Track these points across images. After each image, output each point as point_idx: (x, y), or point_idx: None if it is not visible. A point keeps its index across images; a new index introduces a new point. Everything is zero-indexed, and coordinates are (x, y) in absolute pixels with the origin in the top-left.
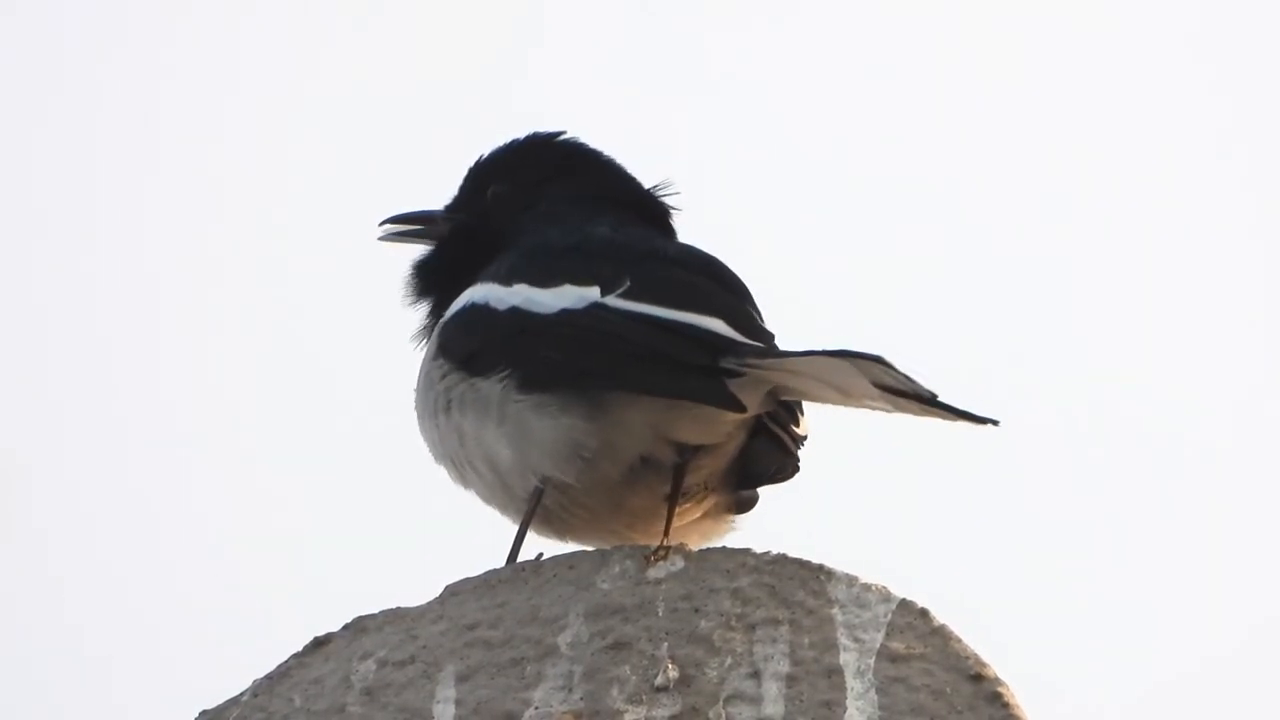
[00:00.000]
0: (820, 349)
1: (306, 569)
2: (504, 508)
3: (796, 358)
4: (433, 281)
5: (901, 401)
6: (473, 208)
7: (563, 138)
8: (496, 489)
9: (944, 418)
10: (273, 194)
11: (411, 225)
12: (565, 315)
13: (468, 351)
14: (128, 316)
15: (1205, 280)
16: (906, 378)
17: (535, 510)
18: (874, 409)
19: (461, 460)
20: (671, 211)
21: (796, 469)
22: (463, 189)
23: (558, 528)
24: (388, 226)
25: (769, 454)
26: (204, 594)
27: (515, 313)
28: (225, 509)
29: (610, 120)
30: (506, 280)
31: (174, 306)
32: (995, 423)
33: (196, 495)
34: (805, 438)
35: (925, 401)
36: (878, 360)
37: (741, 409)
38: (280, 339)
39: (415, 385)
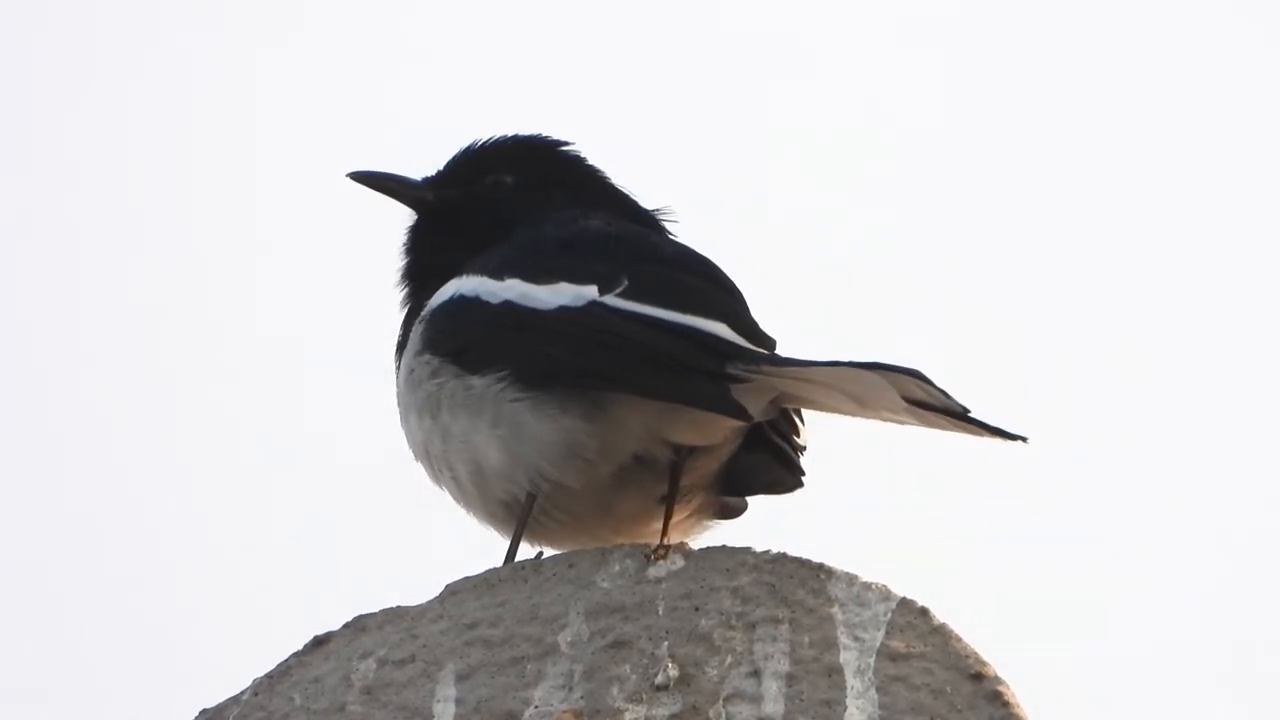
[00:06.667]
0: (847, 360)
1: (306, 569)
2: (475, 510)
3: (818, 367)
4: (423, 254)
5: (930, 416)
6: (465, 187)
7: (568, 147)
8: (471, 492)
9: (973, 433)
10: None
11: (383, 185)
12: (563, 313)
13: (458, 346)
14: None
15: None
16: (943, 393)
17: (528, 514)
18: (889, 421)
19: (440, 460)
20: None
21: (800, 484)
22: (452, 168)
23: (538, 533)
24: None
25: (770, 467)
26: (204, 594)
27: (509, 307)
28: (225, 508)
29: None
30: (497, 274)
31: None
32: (1024, 439)
33: (196, 495)
34: (805, 448)
35: (957, 417)
36: (914, 374)
37: (747, 417)
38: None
39: (396, 379)
